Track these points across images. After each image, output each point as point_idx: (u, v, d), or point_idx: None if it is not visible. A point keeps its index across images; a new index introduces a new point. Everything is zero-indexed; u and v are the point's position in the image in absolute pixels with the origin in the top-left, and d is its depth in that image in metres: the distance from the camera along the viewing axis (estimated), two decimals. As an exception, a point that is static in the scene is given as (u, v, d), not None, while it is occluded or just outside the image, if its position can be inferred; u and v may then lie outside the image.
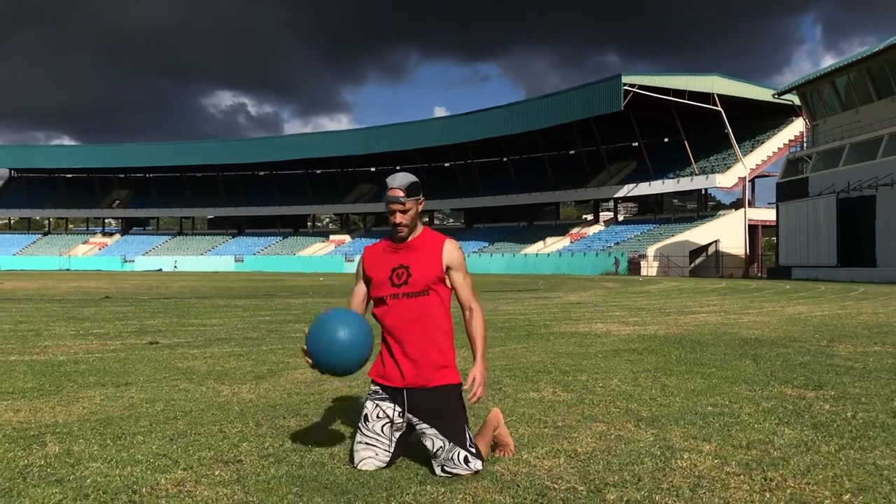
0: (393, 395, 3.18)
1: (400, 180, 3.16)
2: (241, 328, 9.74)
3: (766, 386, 5.16)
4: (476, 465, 3.01)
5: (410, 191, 3.15)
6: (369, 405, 3.20)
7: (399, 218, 3.16)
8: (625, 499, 2.70)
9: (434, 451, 3.05)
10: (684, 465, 3.15)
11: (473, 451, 3.05)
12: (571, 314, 12.52)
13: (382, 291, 3.20)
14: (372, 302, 3.30)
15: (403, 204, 3.14)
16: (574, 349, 7.37)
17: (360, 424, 3.19)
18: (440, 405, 3.12)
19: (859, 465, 3.15)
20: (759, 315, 12.19)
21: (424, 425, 3.11)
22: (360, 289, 3.34)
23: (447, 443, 3.03)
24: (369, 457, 3.10)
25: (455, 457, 3.01)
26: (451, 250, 3.23)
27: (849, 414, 4.20)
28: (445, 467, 3.00)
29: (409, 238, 3.22)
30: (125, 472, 3.03)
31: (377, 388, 3.23)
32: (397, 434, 3.16)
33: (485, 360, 3.21)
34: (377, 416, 3.16)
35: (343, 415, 4.19)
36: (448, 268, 3.22)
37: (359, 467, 3.08)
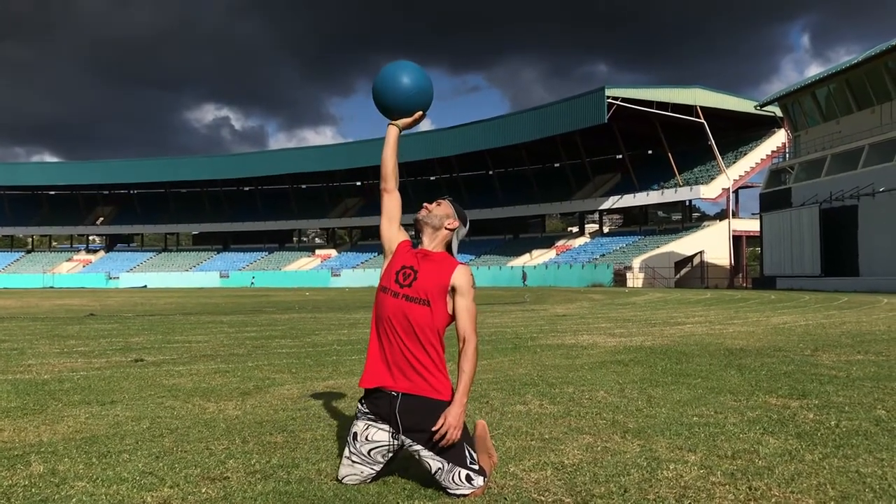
0: (384, 412, 3.07)
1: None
2: (226, 344, 9.69)
3: (750, 396, 5.20)
4: (479, 482, 2.94)
5: (454, 206, 3.29)
6: (360, 424, 3.14)
7: (428, 206, 3.26)
8: (611, 510, 2.71)
9: (433, 472, 2.99)
10: (670, 475, 3.17)
11: (476, 468, 2.97)
12: (558, 326, 12.56)
13: (386, 283, 3.17)
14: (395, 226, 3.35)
15: (439, 205, 3.27)
16: (561, 361, 7.39)
17: (348, 439, 3.17)
18: (434, 425, 2.96)
19: (843, 473, 3.18)
20: (745, 325, 12.27)
21: (418, 446, 3.02)
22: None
23: (446, 463, 2.96)
24: (353, 474, 3.08)
25: (456, 477, 2.93)
26: (461, 274, 3.12)
27: (832, 423, 4.24)
28: (449, 489, 2.94)
29: (430, 249, 3.23)
30: (111, 491, 3.01)
31: (366, 409, 3.14)
32: (388, 456, 3.12)
33: (465, 399, 2.99)
34: (366, 439, 3.09)
35: (330, 430, 4.18)
36: (453, 289, 3.09)
37: (343, 482, 3.09)
